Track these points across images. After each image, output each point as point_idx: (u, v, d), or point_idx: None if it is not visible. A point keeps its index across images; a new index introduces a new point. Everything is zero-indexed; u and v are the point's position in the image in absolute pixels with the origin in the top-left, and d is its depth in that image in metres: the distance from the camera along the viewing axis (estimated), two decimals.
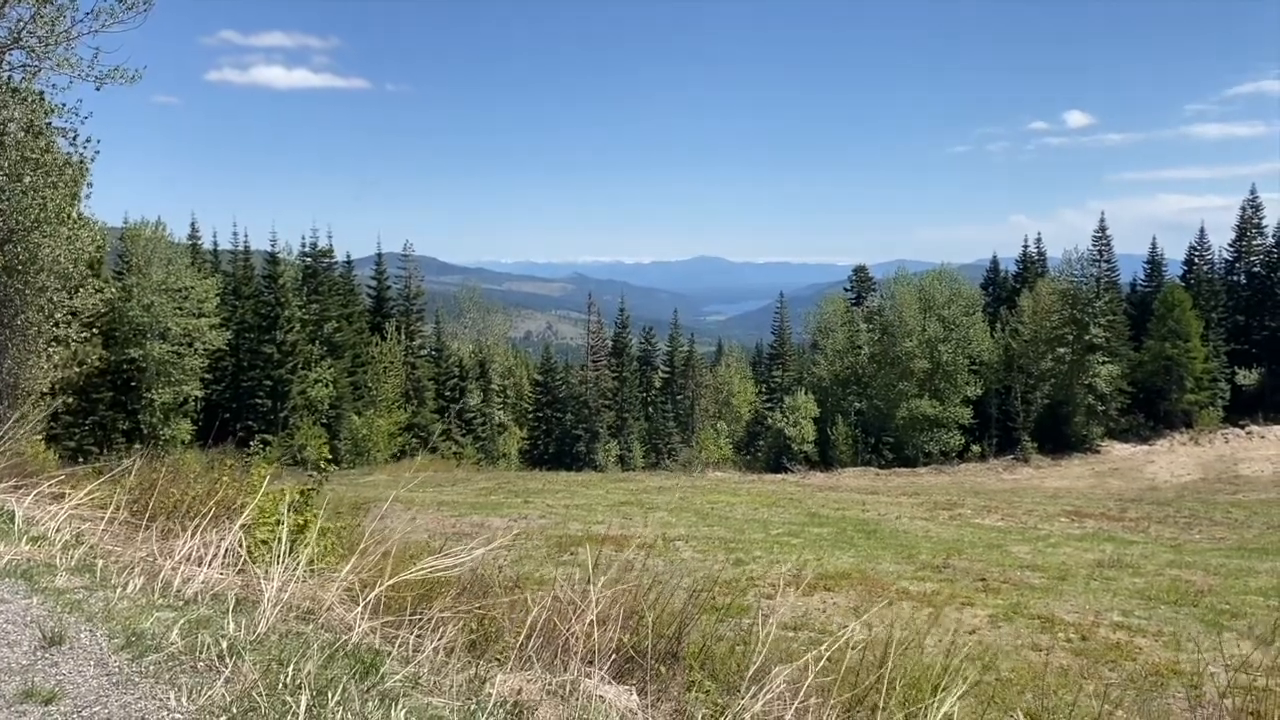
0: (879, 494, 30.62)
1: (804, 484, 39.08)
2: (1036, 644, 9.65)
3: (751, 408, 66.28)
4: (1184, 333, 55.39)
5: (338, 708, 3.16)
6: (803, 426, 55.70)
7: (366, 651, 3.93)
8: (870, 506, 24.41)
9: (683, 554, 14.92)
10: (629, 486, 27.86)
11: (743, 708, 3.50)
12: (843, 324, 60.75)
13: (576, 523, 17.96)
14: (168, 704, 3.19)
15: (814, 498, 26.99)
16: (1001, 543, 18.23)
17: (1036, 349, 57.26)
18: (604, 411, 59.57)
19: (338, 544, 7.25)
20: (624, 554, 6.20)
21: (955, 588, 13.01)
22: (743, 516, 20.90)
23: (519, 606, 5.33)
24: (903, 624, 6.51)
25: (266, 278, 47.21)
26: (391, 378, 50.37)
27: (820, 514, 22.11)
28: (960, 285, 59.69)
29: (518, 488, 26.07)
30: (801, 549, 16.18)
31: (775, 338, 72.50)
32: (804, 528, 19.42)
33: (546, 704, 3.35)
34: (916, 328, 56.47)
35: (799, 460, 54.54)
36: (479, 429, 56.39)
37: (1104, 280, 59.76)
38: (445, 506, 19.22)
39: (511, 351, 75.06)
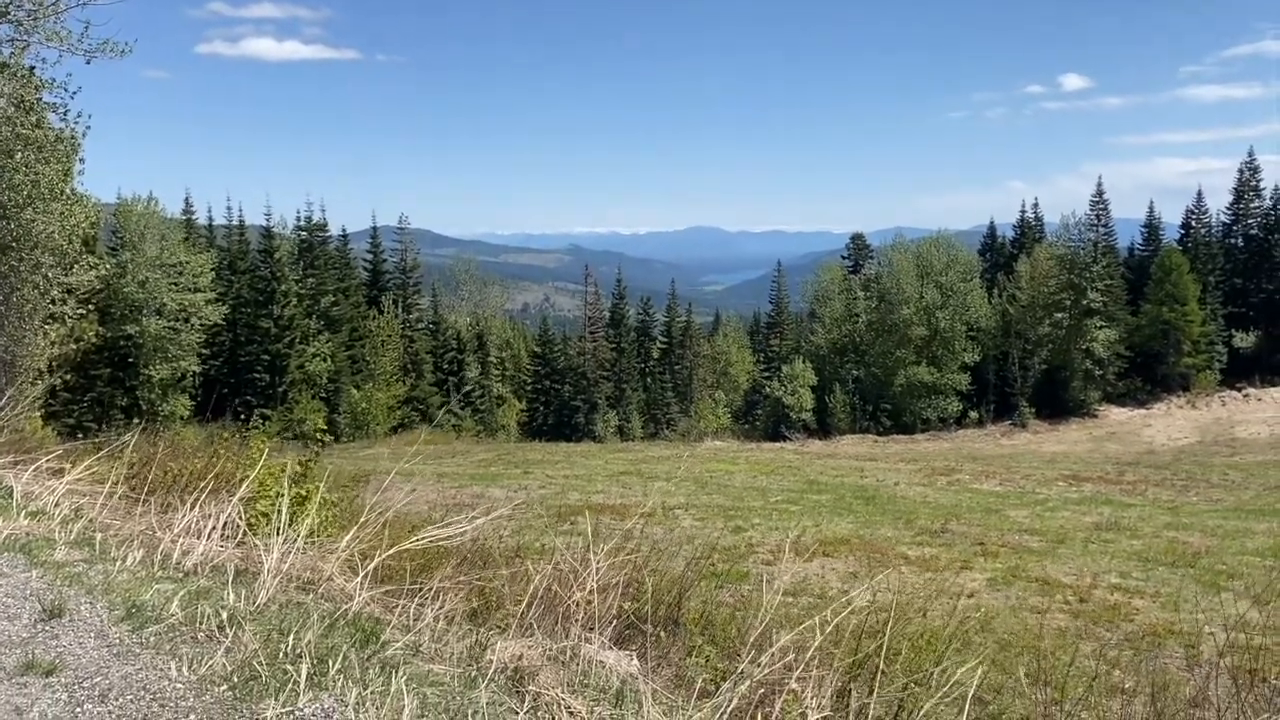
0: (877, 461, 30.71)
1: (802, 452, 39.19)
2: (1035, 606, 9.71)
3: (749, 377, 66.35)
4: (1181, 296, 55.36)
5: (338, 676, 3.17)
6: (801, 395, 55.75)
7: (367, 620, 3.94)
8: (869, 473, 24.48)
9: (682, 522, 14.97)
10: (628, 456, 27.93)
11: (744, 672, 3.51)
12: (840, 292, 60.65)
13: (576, 493, 18.01)
14: (169, 674, 3.19)
15: (812, 465, 27.06)
16: (999, 507, 18.30)
17: (1034, 314, 57.24)
18: (602, 382, 59.60)
19: (338, 516, 7.26)
20: (624, 523, 6.21)
21: (954, 552, 13.07)
22: (741, 484, 20.96)
23: (520, 575, 5.35)
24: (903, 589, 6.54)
25: (262, 252, 47.05)
26: (389, 351, 50.35)
27: (819, 481, 22.18)
28: (958, 251, 59.54)
29: (517, 459, 26.14)
30: (800, 516, 16.24)
31: (773, 307, 72.44)
32: (803, 495, 19.48)
33: (548, 669, 3.36)
34: (914, 295, 56.40)
35: (797, 428, 54.65)
36: (478, 401, 56.45)
37: (1101, 245, 59.62)
38: (445, 478, 19.27)
39: (509, 324, 75.07)
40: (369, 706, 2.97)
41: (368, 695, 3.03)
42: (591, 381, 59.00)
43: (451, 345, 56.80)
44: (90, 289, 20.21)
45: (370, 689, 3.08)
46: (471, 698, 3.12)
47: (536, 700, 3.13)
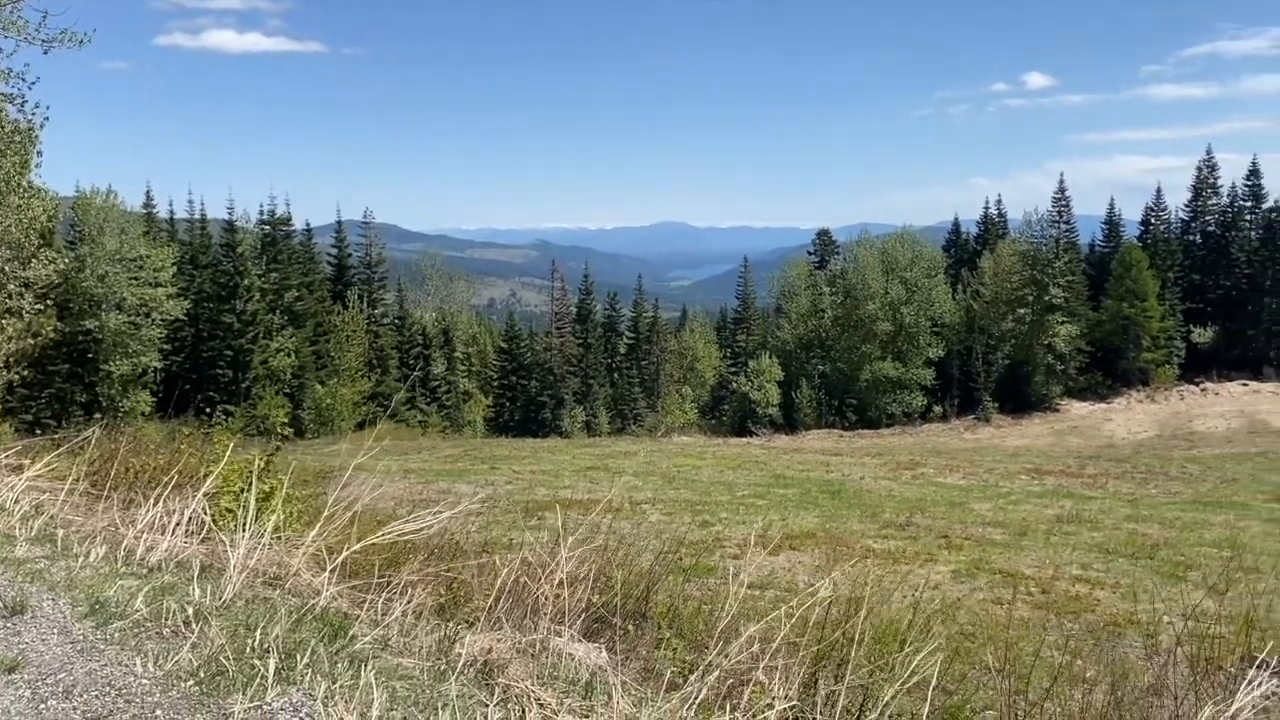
0: (843, 455, 30.94)
1: (769, 447, 39.39)
2: (999, 598, 9.84)
3: (716, 372, 66.58)
4: (1141, 292, 56.26)
5: (307, 670, 3.16)
6: (767, 390, 56.04)
7: (335, 615, 3.92)
8: (834, 467, 24.66)
9: (650, 517, 15.00)
10: (595, 452, 27.93)
11: (712, 663, 3.54)
12: (806, 287, 61.03)
13: (543, 488, 17.99)
14: (134, 670, 3.16)
15: (779, 460, 27.21)
16: (963, 500, 18.51)
17: (997, 310, 57.92)
18: (569, 378, 59.54)
19: (304, 511, 7.21)
20: (591, 517, 6.23)
21: (919, 545, 13.21)
22: (708, 479, 21.04)
23: (488, 569, 5.34)
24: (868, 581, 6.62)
25: (224, 246, 46.48)
26: (354, 346, 49.97)
27: (785, 475, 22.31)
28: (922, 247, 60.13)
29: (484, 454, 26.05)
30: (767, 510, 16.33)
31: (739, 302, 72.72)
32: (769, 489, 19.59)
33: (517, 662, 3.37)
34: (879, 290, 56.87)
35: (764, 423, 54.94)
36: (444, 397, 56.19)
37: (1063, 241, 60.45)
38: (411, 474, 19.17)
39: (475, 319, 74.75)
40: (338, 700, 2.96)
41: (337, 689, 3.03)
42: (558, 377, 58.92)
43: (417, 341, 56.50)
44: (48, 283, 19.88)
45: (339, 683, 3.08)
46: (441, 691, 3.12)
47: (506, 692, 3.13)
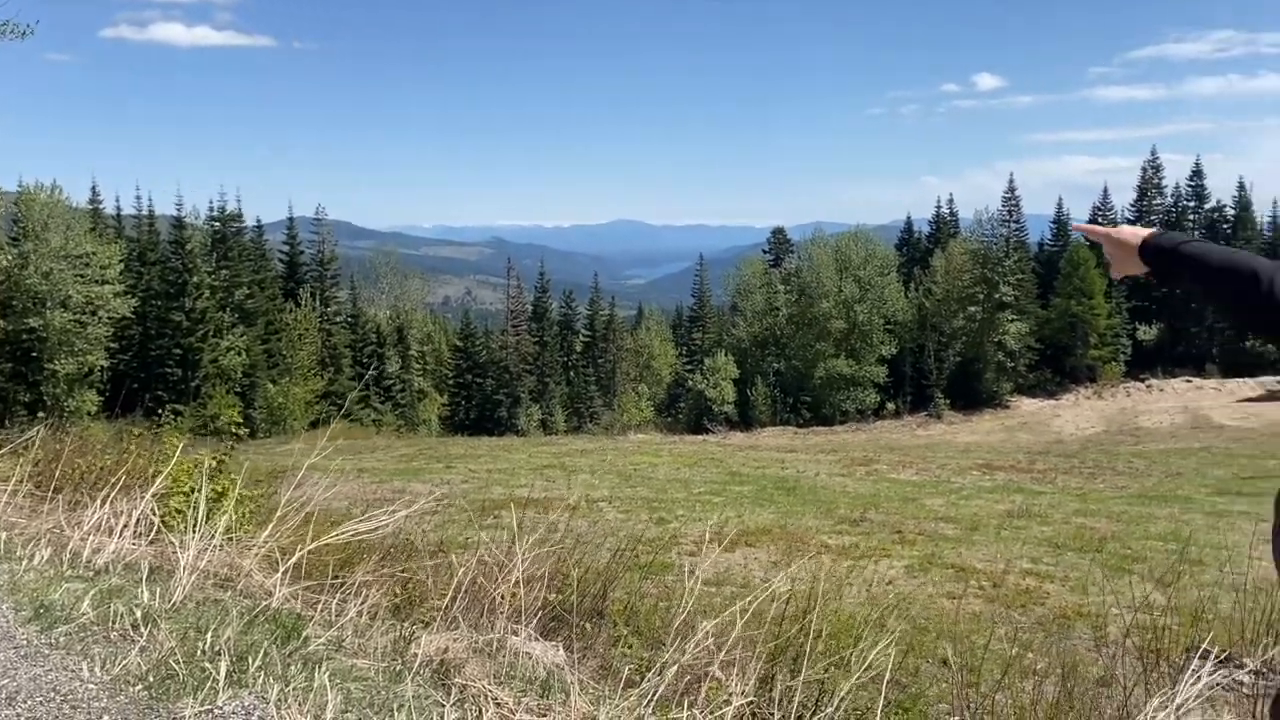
0: (798, 452, 31.17)
1: (725, 444, 39.56)
2: (951, 592, 9.96)
3: (672, 370, 66.74)
4: (1088, 290, 57.34)
5: (259, 672, 3.11)
6: (723, 388, 56.30)
7: (288, 616, 3.87)
8: (789, 464, 24.83)
9: (606, 515, 15.00)
10: (551, 450, 27.86)
11: (669, 660, 3.55)
12: (761, 286, 61.40)
13: (499, 486, 17.90)
14: (80, 675, 3.10)
15: (734, 457, 27.34)
16: (916, 496, 18.72)
17: (949, 308, 58.71)
18: (525, 376, 59.32)
19: (256, 511, 7.11)
20: (548, 516, 6.22)
21: (872, 540, 13.33)
22: (665, 477, 21.07)
23: (444, 569, 5.31)
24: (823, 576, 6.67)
25: (173, 243, 45.69)
26: (307, 345, 49.39)
27: (741, 473, 22.42)
28: (875, 246, 60.78)
29: (439, 453, 25.87)
30: (723, 507, 16.39)
31: (695, 300, 72.98)
32: (725, 486, 19.67)
33: (473, 661, 3.35)
34: (833, 289, 57.38)
35: (719, 421, 55.18)
36: (398, 396, 55.72)
37: (1013, 240, 61.44)
38: (366, 473, 18.97)
39: (430, 317, 74.22)
40: (291, 703, 2.93)
41: (290, 692, 2.99)
42: (514, 375, 58.70)
43: (371, 339, 55.96)
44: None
45: (292, 685, 3.04)
46: (396, 692, 3.09)
47: (463, 692, 3.11)
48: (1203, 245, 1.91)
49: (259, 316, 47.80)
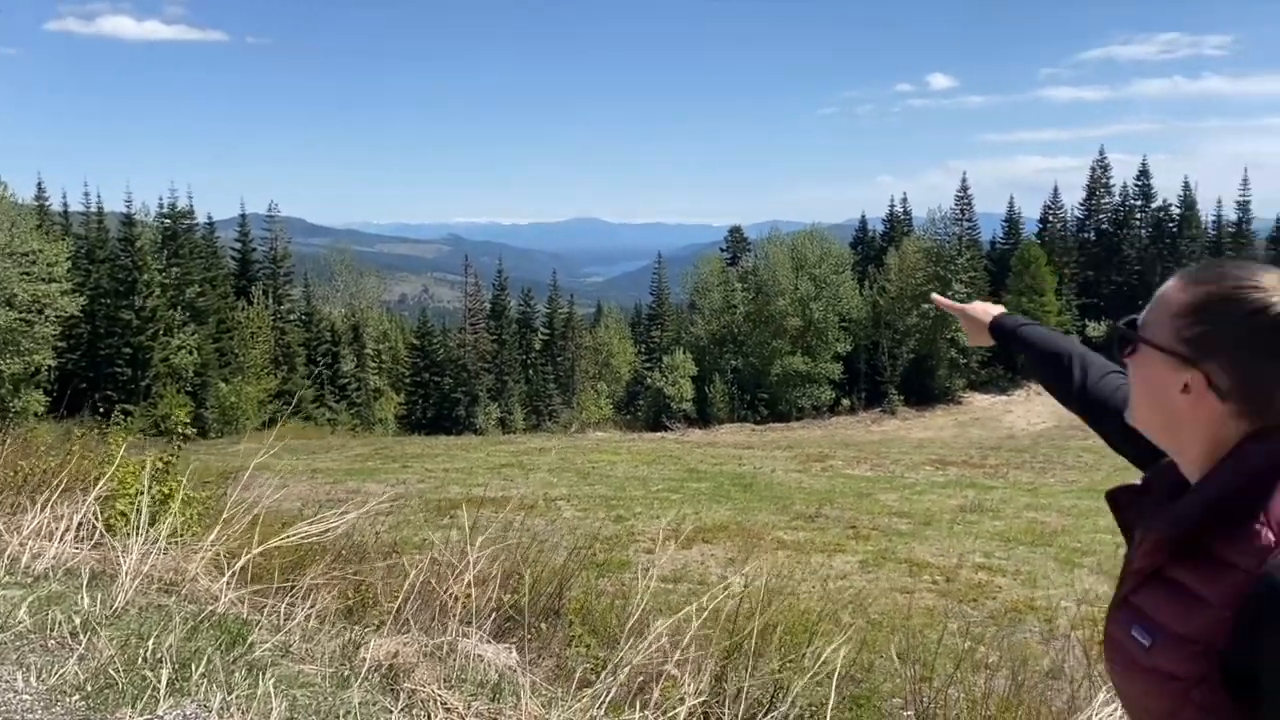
0: (755, 448, 31.32)
1: (683, 441, 39.66)
2: (904, 587, 10.06)
3: (631, 368, 66.73)
4: (1039, 288, 58.22)
5: (202, 680, 3.04)
6: (681, 385, 56.42)
7: (234, 621, 3.79)
8: (746, 461, 24.93)
9: (564, 513, 14.96)
10: (509, 449, 27.73)
11: (622, 660, 3.52)
12: (719, 284, 61.61)
13: (456, 486, 17.77)
14: (15, 685, 3.01)
15: (693, 454, 27.41)
16: (870, 491, 18.89)
17: (902, 305, 59.33)
18: (483, 375, 58.99)
19: (204, 513, 6.98)
20: (504, 515, 6.16)
21: (827, 536, 13.43)
22: (623, 474, 21.06)
23: (396, 571, 5.24)
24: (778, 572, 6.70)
25: (122, 240, 44.78)
26: (260, 343, 48.68)
27: (699, 469, 22.47)
28: (830, 245, 61.27)
29: (395, 453, 25.63)
30: (680, 504, 16.42)
31: (654, 298, 72.99)
32: (683, 483, 19.71)
33: (424, 665, 3.30)
34: (789, 287, 57.73)
35: (678, 418, 55.29)
36: (353, 395, 55.13)
37: (965, 238, 62.23)
38: (320, 474, 18.74)
39: (386, 315, 73.47)
40: (234, 711, 2.86)
41: (233, 700, 2.92)
42: (472, 374, 58.34)
43: (325, 337, 55.28)
44: None
45: (236, 693, 2.97)
46: (344, 698, 3.04)
47: (412, 697, 3.07)
48: (1035, 331, 2.14)
49: (210, 315, 47.04)
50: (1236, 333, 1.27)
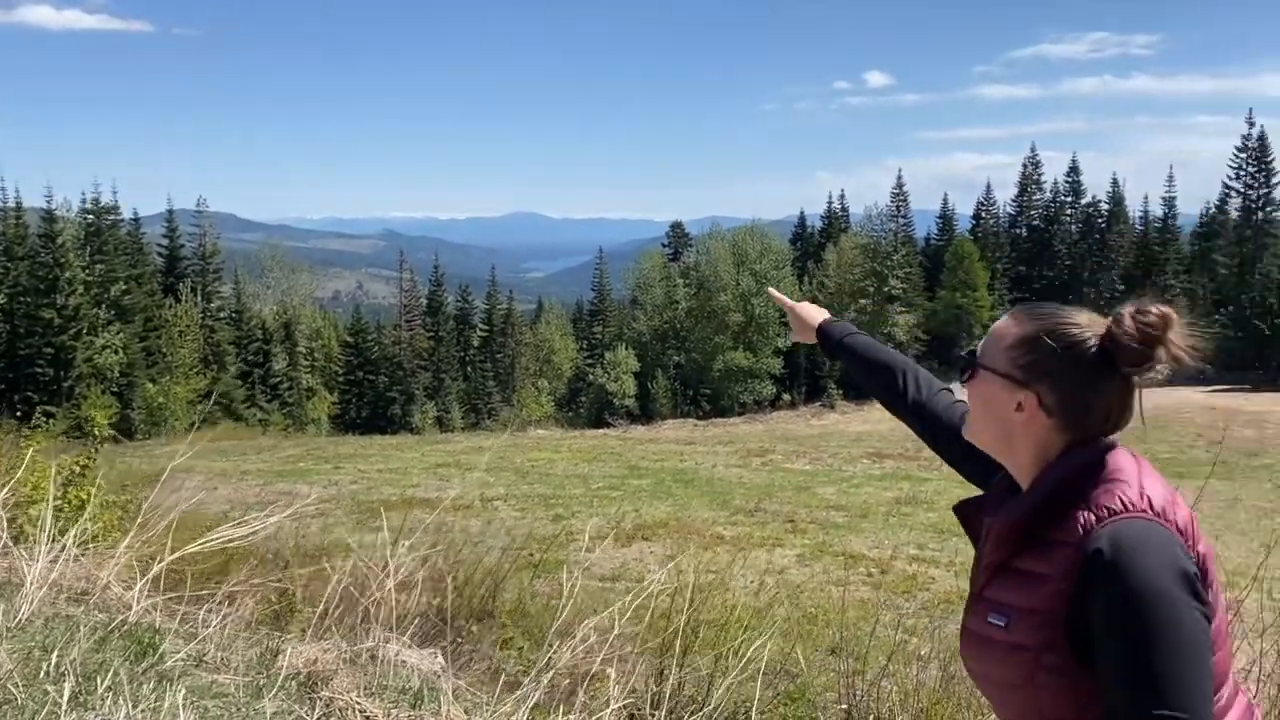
0: (696, 444, 31.40)
1: (625, 437, 39.63)
2: (840, 580, 10.13)
3: (573, 364, 66.55)
4: (973, 283, 59.31)
5: (107, 693, 2.91)
6: (623, 381, 56.43)
7: (146, 631, 3.64)
8: (688, 456, 24.98)
9: (501, 513, 14.82)
10: (447, 448, 27.42)
11: (550, 661, 3.46)
12: (661, 279, 61.73)
13: (391, 487, 17.52)
14: None
15: (634, 450, 27.39)
16: (809, 485, 19.05)
17: (841, 301, 60.02)
18: (420, 372, 58.36)
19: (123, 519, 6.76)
20: (432, 516, 6.04)
21: (766, 530, 13.50)
22: (563, 472, 20.96)
23: (321, 576, 5.11)
24: (715, 567, 6.70)
25: (43, 237, 43.38)
26: (188, 342, 47.53)
27: (640, 466, 22.45)
28: (771, 240, 61.76)
29: (328, 453, 25.19)
30: (621, 501, 16.38)
31: (595, 294, 72.88)
32: (624, 480, 19.67)
33: (343, 672, 3.20)
34: (731, 282, 58.07)
35: (620, 414, 55.28)
36: (286, 394, 54.13)
37: (901, 235, 63.17)
38: (249, 475, 18.33)
39: (319, 312, 72.22)
40: None
41: (138, 714, 2.79)
42: (408, 372, 57.68)
43: (257, 335, 54.17)
44: None
45: (142, 706, 2.84)
46: (257, 708, 2.93)
47: (329, 706, 2.97)
48: (862, 340, 2.35)
49: (137, 313, 45.82)
50: (1060, 361, 1.56)
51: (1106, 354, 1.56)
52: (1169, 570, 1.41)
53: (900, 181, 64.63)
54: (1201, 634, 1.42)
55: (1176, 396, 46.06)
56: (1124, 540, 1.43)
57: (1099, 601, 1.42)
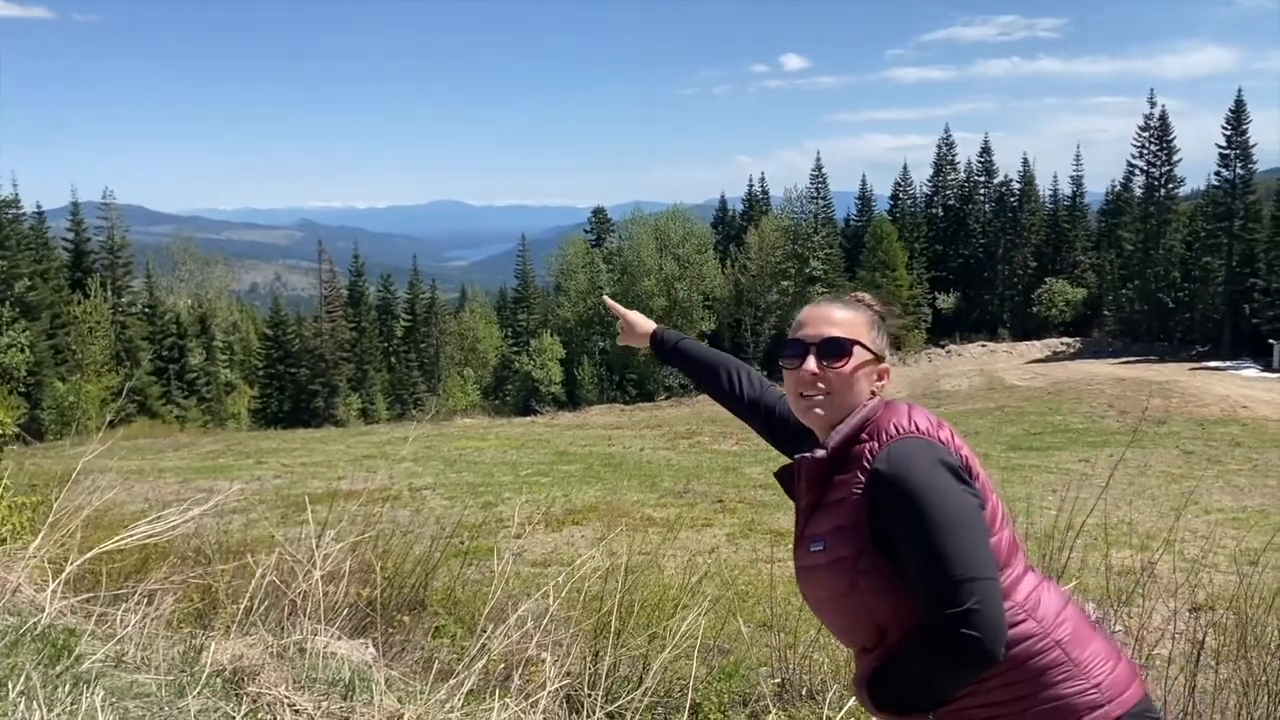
0: (624, 429, 31.45)
1: (553, 424, 39.49)
2: (769, 557, 10.24)
3: (498, 352, 66.08)
4: (892, 263, 60.38)
5: (20, 698, 2.79)
6: (550, 368, 56.22)
7: (60, 633, 3.51)
8: (616, 441, 25.02)
9: (430, 503, 14.64)
10: (372, 439, 27.02)
11: (483, 647, 3.42)
12: (584, 265, 61.55)
13: (316, 480, 17.19)
14: None
15: (562, 436, 27.32)
16: (736, 465, 19.22)
17: (763, 283, 60.62)
18: (342, 364, 57.36)
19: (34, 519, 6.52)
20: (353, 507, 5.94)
21: (695, 511, 13.58)
22: (491, 460, 20.81)
23: (245, 571, 4.98)
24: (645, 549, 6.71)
25: None
26: (99, 339, 45.96)
27: (569, 452, 22.41)
28: (693, 225, 62.01)
29: (249, 448, 24.61)
30: (550, 487, 16.32)
31: (519, 281, 72.40)
32: (553, 466, 19.61)
33: (271, 667, 3.12)
34: (654, 267, 58.18)
35: (547, 401, 55.09)
36: (203, 389, 52.73)
37: (821, 216, 63.94)
38: (167, 473, 17.80)
39: (236, 305, 70.52)
40: None
41: (53, 717, 2.69)
42: (330, 363, 56.65)
43: (171, 330, 52.60)
44: None
45: (58, 709, 2.74)
46: (181, 706, 2.84)
47: (257, 701, 2.90)
48: (692, 344, 2.66)
49: (43, 310, 44.16)
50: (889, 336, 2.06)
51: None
52: (930, 463, 1.75)
53: (819, 164, 65.47)
54: (970, 509, 1.73)
55: (1086, 369, 47.63)
56: (895, 452, 1.78)
57: (885, 502, 1.75)
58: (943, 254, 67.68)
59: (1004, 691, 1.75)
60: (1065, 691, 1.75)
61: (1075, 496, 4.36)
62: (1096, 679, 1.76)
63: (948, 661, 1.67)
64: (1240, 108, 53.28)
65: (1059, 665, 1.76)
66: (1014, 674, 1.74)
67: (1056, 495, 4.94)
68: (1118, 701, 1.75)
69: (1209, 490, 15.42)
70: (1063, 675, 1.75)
